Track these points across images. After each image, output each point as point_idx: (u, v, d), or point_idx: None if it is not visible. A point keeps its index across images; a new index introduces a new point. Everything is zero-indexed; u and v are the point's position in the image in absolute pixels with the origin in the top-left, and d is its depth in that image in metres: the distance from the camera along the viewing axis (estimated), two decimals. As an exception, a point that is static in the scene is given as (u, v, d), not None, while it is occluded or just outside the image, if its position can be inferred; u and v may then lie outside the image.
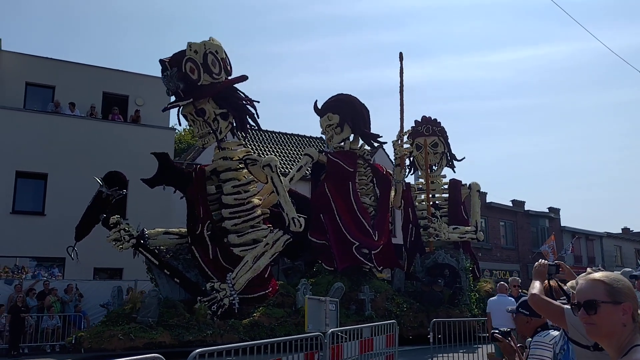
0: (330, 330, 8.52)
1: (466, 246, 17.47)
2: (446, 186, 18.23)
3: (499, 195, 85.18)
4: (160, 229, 13.90)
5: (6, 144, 18.10)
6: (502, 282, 9.72)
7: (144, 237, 13.13)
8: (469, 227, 17.21)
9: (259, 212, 13.39)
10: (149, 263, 12.98)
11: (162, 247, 13.46)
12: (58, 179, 17.62)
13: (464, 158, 18.58)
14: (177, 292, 12.80)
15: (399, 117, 16.20)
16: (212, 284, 12.34)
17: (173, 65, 12.80)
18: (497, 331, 3.96)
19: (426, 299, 15.01)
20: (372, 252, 14.87)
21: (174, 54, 12.90)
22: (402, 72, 16.46)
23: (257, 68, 79.64)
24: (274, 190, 13.09)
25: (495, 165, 76.98)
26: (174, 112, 13.75)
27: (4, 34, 67.57)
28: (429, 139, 17.73)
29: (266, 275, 13.29)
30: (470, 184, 18.17)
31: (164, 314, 11.37)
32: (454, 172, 18.74)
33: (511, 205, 37.86)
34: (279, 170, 13.03)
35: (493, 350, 9.00)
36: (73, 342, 10.88)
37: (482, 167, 74.17)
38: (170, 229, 14.09)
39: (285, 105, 75.66)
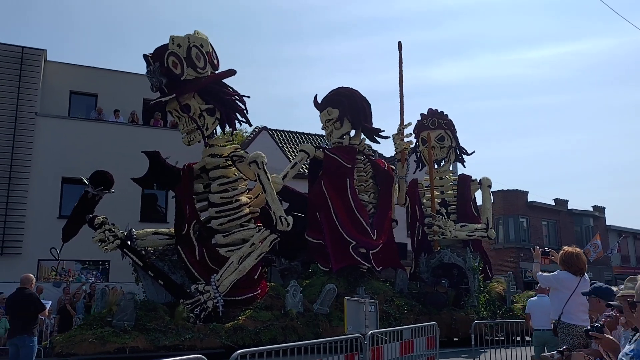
0: (370, 332, 8.59)
1: (477, 245, 16.52)
2: (455, 182, 17.29)
3: (541, 194, 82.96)
4: (149, 229, 13.54)
5: (53, 151, 18.96)
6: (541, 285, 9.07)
7: (132, 238, 12.77)
8: (479, 225, 16.25)
9: (246, 210, 12.85)
10: (134, 265, 12.62)
11: (149, 248, 13.10)
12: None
13: (474, 152, 17.59)
14: (163, 294, 12.37)
15: (399, 109, 15.41)
16: (197, 286, 11.87)
17: (155, 59, 12.40)
18: (589, 328, 4.18)
19: (430, 300, 14.20)
20: (370, 251, 14.14)
21: (156, 48, 12.47)
22: (401, 62, 15.67)
23: (294, 70, 79.63)
24: (261, 187, 12.53)
25: (536, 163, 74.83)
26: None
27: (50, 45, 70.26)
28: (434, 132, 16.83)
29: (256, 277, 12.73)
30: (480, 179, 17.20)
31: (143, 317, 10.93)
32: (464, 167, 17.78)
33: (553, 204, 37.05)
34: (265, 166, 12.46)
35: (533, 353, 8.57)
36: (48, 345, 10.58)
37: (523, 166, 72.21)
38: (160, 229, 13.72)
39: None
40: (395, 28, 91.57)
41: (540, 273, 6.54)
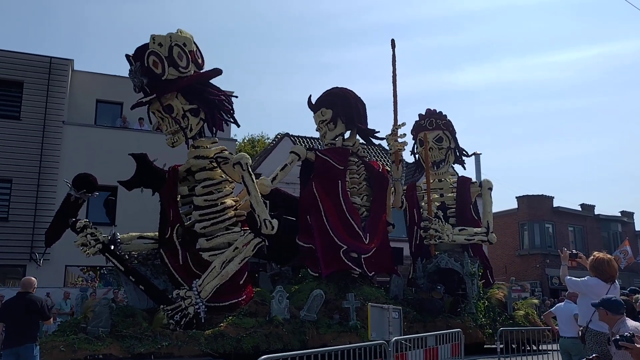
0: (394, 339, 8.66)
1: (477, 249, 15.91)
2: (455, 184, 16.68)
3: (567, 199, 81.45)
4: (134, 233, 13.21)
5: (80, 159, 19.31)
6: (570, 292, 8.82)
7: (116, 242, 12.44)
8: (479, 229, 15.63)
9: (231, 213, 12.45)
10: (116, 269, 12.30)
11: (133, 253, 12.77)
12: (127, 191, 18.05)
13: (474, 154, 17.04)
14: (145, 300, 12.01)
15: (393, 109, 14.91)
16: (178, 292, 11.48)
17: (136, 59, 12.12)
18: (618, 337, 4.12)
19: (425, 307, 13.63)
20: (362, 256, 13.63)
21: (137, 48, 12.19)
22: (395, 61, 15.15)
23: (311, 77, 79.57)
24: (246, 190, 12.13)
25: (562, 168, 73.45)
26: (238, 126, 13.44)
27: (77, 55, 71.53)
28: (432, 133, 16.26)
29: (241, 282, 12.30)
30: (481, 182, 16.60)
31: (120, 324, 10.57)
32: (464, 168, 17.21)
33: (580, 209, 36.56)
34: (250, 168, 12.07)
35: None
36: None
37: (548, 171, 70.97)
38: (145, 234, 13.37)
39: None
40: (416, 33, 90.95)
41: (568, 277, 6.41)
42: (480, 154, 34.26)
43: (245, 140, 41.82)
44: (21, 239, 19.27)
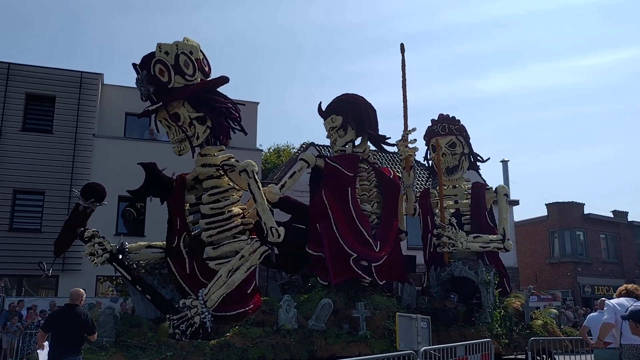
0: (422, 349, 8.82)
1: (493, 257, 15.48)
2: (470, 191, 16.28)
3: (598, 205, 79.72)
4: (142, 243, 13.19)
5: (109, 171, 20.01)
6: (603, 298, 8.82)
7: (124, 252, 12.42)
8: (495, 236, 15.20)
9: (238, 221, 12.32)
10: (124, 279, 12.26)
11: (141, 262, 12.72)
12: (156, 201, 18.25)
13: (489, 159, 16.66)
14: (152, 310, 11.94)
15: (403, 114, 14.66)
16: (184, 301, 11.36)
17: (143, 68, 12.13)
18: None
19: (438, 316, 13.27)
20: (373, 264, 13.35)
21: (144, 57, 12.20)
22: (404, 65, 14.90)
23: (337, 87, 79.74)
24: (252, 197, 11.99)
25: (593, 174, 72.01)
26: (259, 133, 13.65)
27: (106, 69, 73.28)
28: (445, 138, 15.88)
29: (249, 291, 12.13)
30: (496, 188, 16.17)
31: (125, 334, 10.49)
32: (479, 174, 16.84)
33: (612, 216, 35.98)
34: (256, 175, 11.94)
35: None
36: (27, 363, 10.27)
37: (579, 177, 69.67)
38: (153, 243, 13.32)
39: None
40: (441, 41, 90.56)
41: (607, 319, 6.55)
42: (508, 160, 33.81)
43: (271, 150, 42.17)
44: (54, 250, 19.55)
